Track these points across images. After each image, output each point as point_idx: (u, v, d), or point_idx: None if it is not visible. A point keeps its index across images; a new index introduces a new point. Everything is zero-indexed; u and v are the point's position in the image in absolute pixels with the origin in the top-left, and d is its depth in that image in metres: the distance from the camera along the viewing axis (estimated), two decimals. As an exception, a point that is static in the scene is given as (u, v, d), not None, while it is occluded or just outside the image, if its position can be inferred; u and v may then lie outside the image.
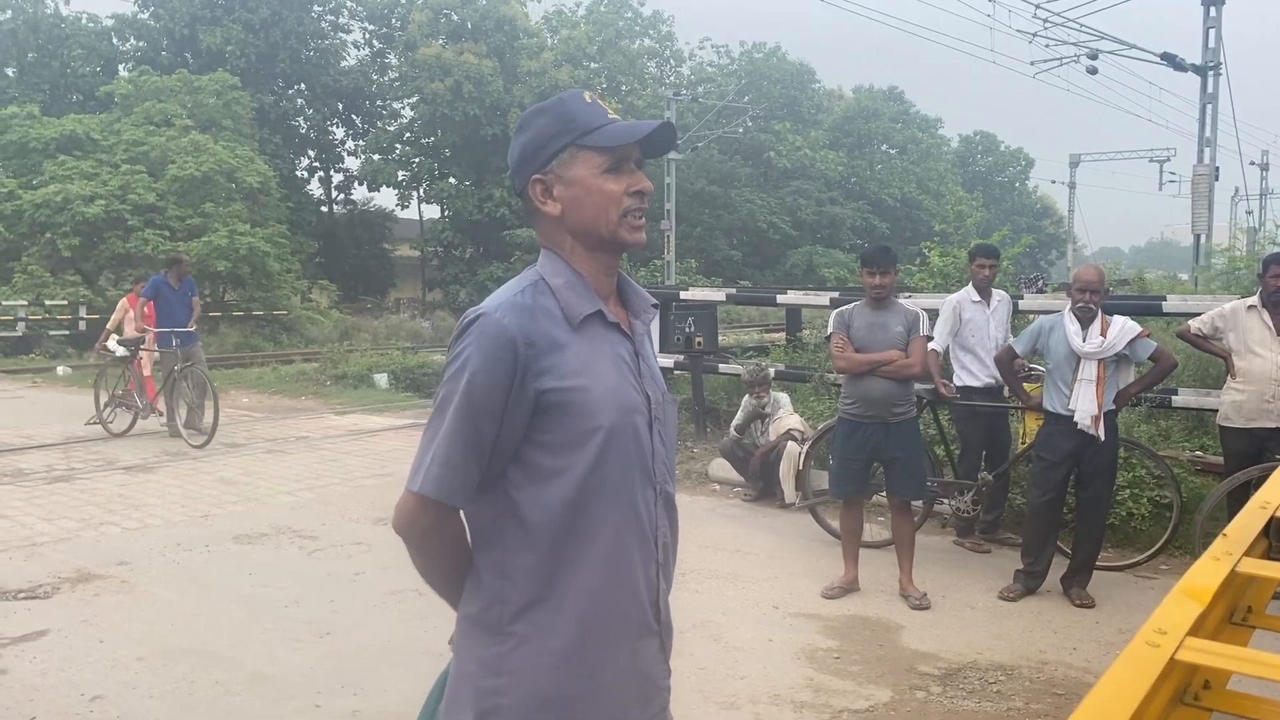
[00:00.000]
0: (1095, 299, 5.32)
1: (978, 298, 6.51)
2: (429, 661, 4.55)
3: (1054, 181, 56.10)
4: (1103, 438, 5.32)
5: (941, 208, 49.56)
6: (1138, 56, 22.29)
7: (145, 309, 10.80)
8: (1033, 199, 75.42)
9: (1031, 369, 6.16)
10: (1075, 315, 5.38)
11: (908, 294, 8.48)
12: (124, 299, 12.26)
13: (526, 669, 1.70)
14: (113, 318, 12.09)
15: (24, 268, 24.81)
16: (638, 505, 1.80)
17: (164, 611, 5.21)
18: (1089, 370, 5.30)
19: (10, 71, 37.47)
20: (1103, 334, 5.30)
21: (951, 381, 6.53)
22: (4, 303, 23.22)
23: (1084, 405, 5.30)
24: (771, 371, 8.50)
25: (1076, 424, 5.31)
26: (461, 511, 1.74)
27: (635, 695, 1.83)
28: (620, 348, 1.81)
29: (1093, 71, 23.19)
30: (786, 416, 7.99)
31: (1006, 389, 6.20)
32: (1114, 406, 5.40)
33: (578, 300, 1.76)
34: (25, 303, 23.41)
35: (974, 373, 6.45)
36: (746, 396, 8.24)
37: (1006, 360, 5.83)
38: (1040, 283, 10.13)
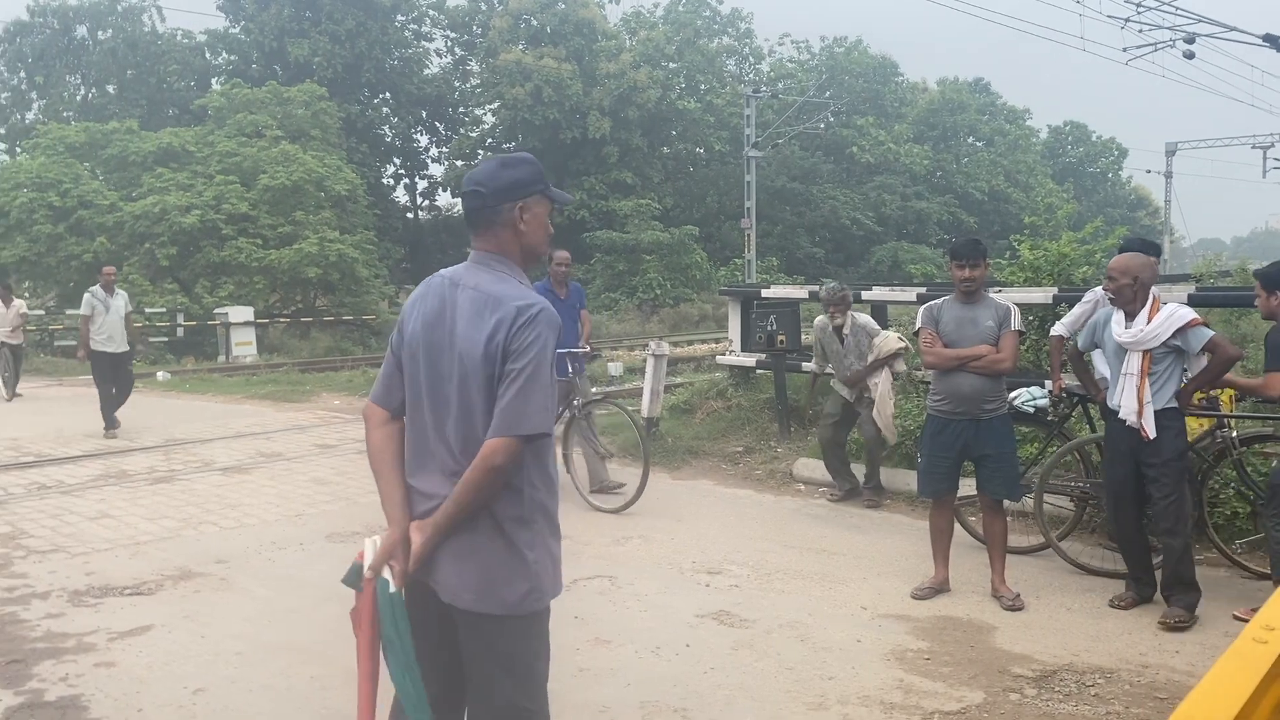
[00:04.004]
0: (1111, 285, 5.09)
1: None
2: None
3: (1149, 171, 54.28)
4: (1150, 436, 4.97)
5: (1031, 200, 48.46)
6: (1238, 39, 21.48)
7: None
8: (1127, 190, 73.23)
9: None
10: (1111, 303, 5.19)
11: (997, 289, 8.29)
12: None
13: (543, 540, 2.58)
14: None
15: (125, 277, 25.76)
16: None
17: (261, 608, 5.36)
18: (1132, 363, 5.00)
19: (110, 88, 38.99)
20: (1149, 323, 4.98)
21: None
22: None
23: (1125, 401, 5.03)
24: (851, 294, 7.98)
25: (1125, 421, 5.05)
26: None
27: None
28: None
29: (1189, 56, 22.45)
30: (888, 337, 7.52)
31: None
32: (1174, 405, 5.00)
33: None
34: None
35: None
36: (818, 319, 7.87)
37: (1073, 352, 5.75)
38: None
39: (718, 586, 5.64)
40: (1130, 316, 5.02)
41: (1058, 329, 6.36)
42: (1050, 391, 6.25)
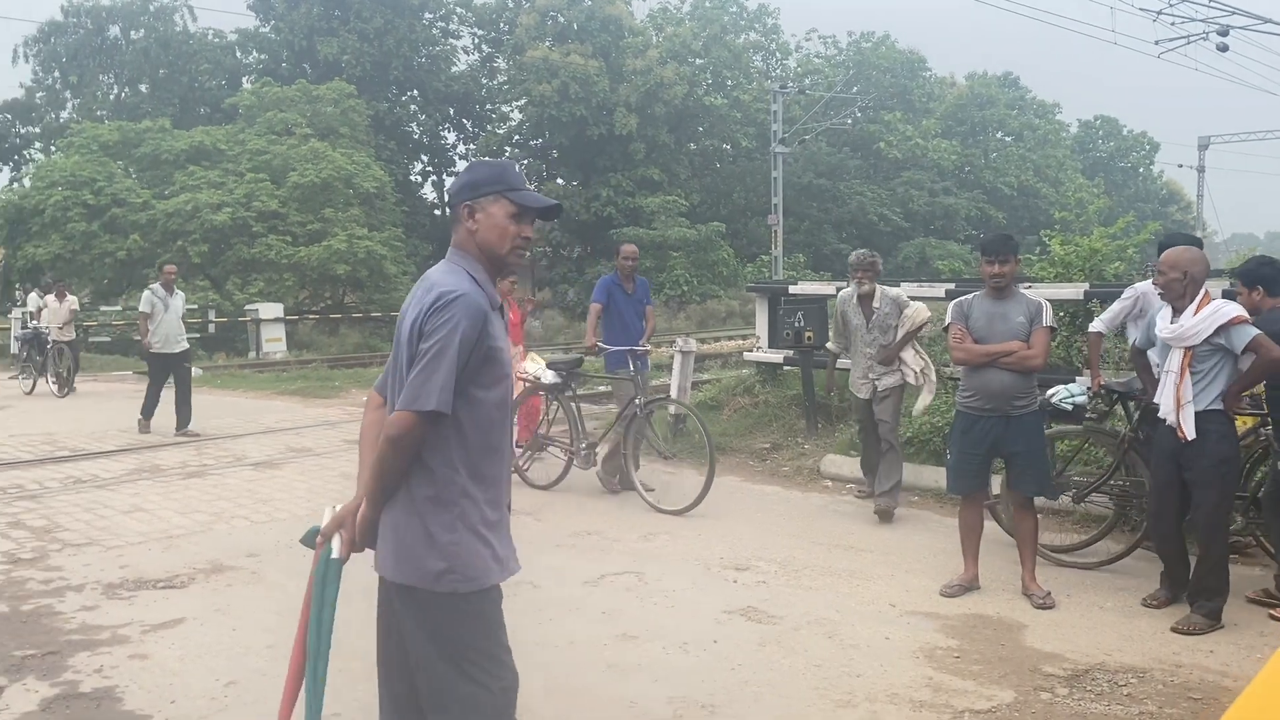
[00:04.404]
0: (1160, 279, 4.95)
1: None
2: (544, 654, 4.60)
3: (1181, 166, 53.57)
4: (1187, 437, 4.80)
5: (1061, 196, 48.06)
6: (1273, 31, 21.17)
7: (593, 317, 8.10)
8: (1158, 184, 72.41)
9: None
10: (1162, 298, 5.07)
11: (1027, 285, 8.21)
12: None
13: (469, 526, 2.63)
14: None
15: (158, 274, 26.03)
16: (512, 420, 2.83)
17: (291, 602, 5.37)
18: (1173, 360, 4.86)
19: (143, 88, 39.40)
20: (1193, 319, 4.81)
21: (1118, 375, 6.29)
22: (140, 309, 24.37)
23: (1164, 399, 4.90)
24: (881, 262, 7.41)
25: (1165, 420, 4.91)
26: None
27: (509, 544, 2.79)
28: (503, 327, 2.74)
29: (1223, 49, 22.16)
30: (919, 308, 7.08)
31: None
32: (1219, 407, 4.79)
33: (492, 291, 2.72)
34: (160, 307, 24.53)
35: None
36: (842, 291, 7.45)
37: (1133, 350, 5.61)
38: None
39: (745, 583, 5.63)
40: (1178, 312, 4.87)
41: (1096, 325, 6.30)
42: (1088, 389, 6.17)
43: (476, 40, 45.31)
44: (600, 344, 7.86)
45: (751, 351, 10.91)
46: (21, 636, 4.86)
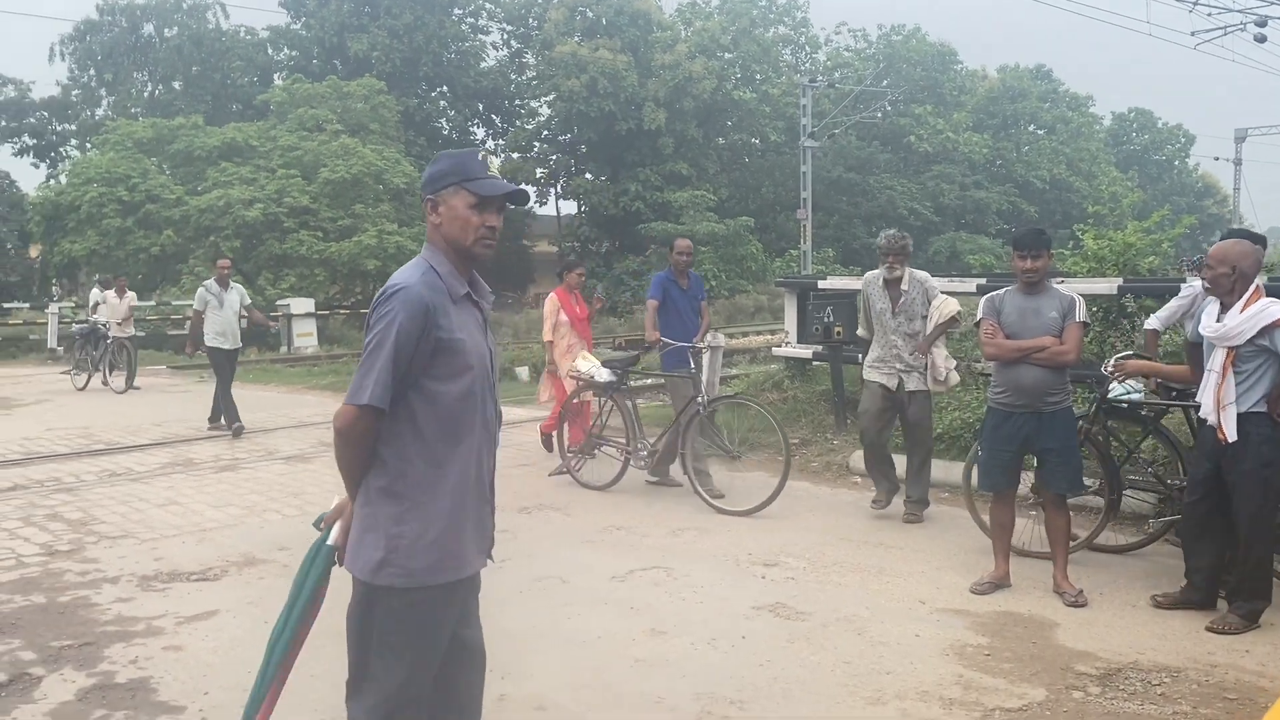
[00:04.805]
0: (1208, 274, 4.81)
1: None
2: (572, 649, 4.62)
3: (1217, 158, 52.88)
4: (1227, 439, 4.67)
5: (1094, 189, 47.58)
6: (1312, 21, 20.81)
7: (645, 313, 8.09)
8: (1193, 178, 71.43)
9: None
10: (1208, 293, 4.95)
11: (1060, 279, 8.13)
12: (551, 296, 8.96)
13: (419, 519, 2.62)
14: (546, 326, 8.82)
15: (190, 269, 26.34)
16: (487, 418, 2.78)
17: (323, 595, 5.44)
18: (1216, 358, 4.74)
19: (177, 85, 39.81)
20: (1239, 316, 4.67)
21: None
22: (174, 303, 24.66)
23: (1205, 398, 4.79)
24: (911, 244, 7.12)
25: (1206, 420, 4.81)
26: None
27: (478, 540, 2.83)
28: (477, 318, 2.76)
29: (1261, 40, 21.83)
30: (947, 300, 6.81)
31: None
32: (1263, 409, 4.62)
33: (455, 283, 2.69)
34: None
35: None
36: (868, 274, 7.18)
37: (1187, 347, 5.53)
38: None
39: (774, 579, 5.62)
40: (1225, 309, 4.74)
41: (1151, 322, 6.25)
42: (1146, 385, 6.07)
43: (505, 36, 45.46)
44: (664, 338, 7.74)
45: (780, 347, 10.88)
46: (59, 627, 4.93)
